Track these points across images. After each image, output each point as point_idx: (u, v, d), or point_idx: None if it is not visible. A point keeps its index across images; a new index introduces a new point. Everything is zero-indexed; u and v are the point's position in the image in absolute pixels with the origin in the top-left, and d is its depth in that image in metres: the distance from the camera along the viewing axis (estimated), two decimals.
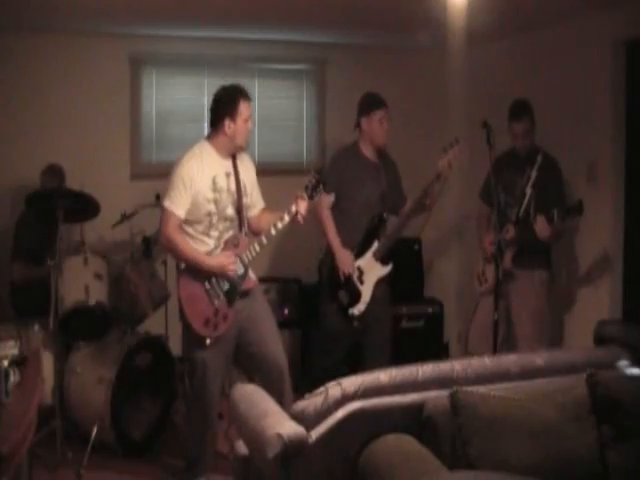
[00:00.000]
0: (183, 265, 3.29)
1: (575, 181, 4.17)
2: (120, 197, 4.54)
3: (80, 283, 3.81)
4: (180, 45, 5.02)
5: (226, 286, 3.31)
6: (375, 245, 4.07)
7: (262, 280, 3.53)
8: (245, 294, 3.37)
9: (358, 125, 4.11)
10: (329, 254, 4.08)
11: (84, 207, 3.87)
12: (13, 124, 4.66)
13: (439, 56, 5.20)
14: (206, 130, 5.09)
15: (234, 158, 3.38)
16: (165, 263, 4.45)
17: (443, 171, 3.85)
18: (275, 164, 5.17)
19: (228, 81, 3.38)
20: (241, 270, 3.33)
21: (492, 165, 3.78)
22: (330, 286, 4.08)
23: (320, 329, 4.24)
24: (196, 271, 3.26)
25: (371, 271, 4.06)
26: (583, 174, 4.18)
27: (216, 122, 3.31)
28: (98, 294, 3.84)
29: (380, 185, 4.08)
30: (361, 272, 4.04)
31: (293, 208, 3.32)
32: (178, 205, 3.21)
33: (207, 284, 3.28)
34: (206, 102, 5.12)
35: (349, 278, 4.01)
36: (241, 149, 3.40)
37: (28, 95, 4.69)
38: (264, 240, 3.34)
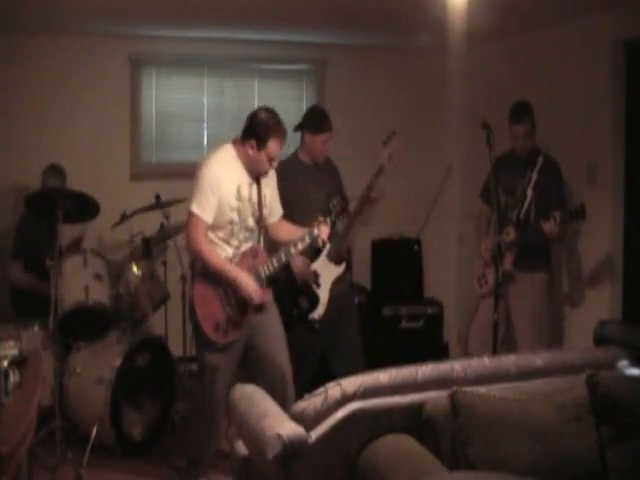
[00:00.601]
0: (200, 267, 3.26)
1: (575, 182, 4.17)
2: (120, 197, 4.54)
3: (80, 283, 3.81)
4: (180, 45, 5.02)
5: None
6: (327, 246, 4.05)
7: None
8: (259, 308, 3.35)
9: (301, 133, 4.01)
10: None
11: (84, 207, 3.87)
12: (13, 124, 4.67)
13: (439, 56, 5.21)
14: (206, 130, 5.18)
15: None
16: (165, 263, 4.45)
17: (384, 164, 3.87)
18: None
19: (228, 81, 3.33)
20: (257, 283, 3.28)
21: (492, 165, 3.79)
22: (290, 294, 4.01)
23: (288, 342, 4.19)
24: (214, 276, 3.22)
25: (327, 273, 4.02)
26: (583, 175, 4.18)
27: (245, 137, 3.22)
28: (98, 294, 3.83)
29: (324, 188, 4.02)
30: (316, 275, 4.00)
31: (315, 231, 3.31)
32: (206, 210, 3.16)
33: (222, 290, 3.25)
34: (206, 102, 5.13)
35: (307, 283, 3.98)
36: (259, 175, 3.32)
37: (28, 95, 4.70)
38: (283, 258, 3.32)
